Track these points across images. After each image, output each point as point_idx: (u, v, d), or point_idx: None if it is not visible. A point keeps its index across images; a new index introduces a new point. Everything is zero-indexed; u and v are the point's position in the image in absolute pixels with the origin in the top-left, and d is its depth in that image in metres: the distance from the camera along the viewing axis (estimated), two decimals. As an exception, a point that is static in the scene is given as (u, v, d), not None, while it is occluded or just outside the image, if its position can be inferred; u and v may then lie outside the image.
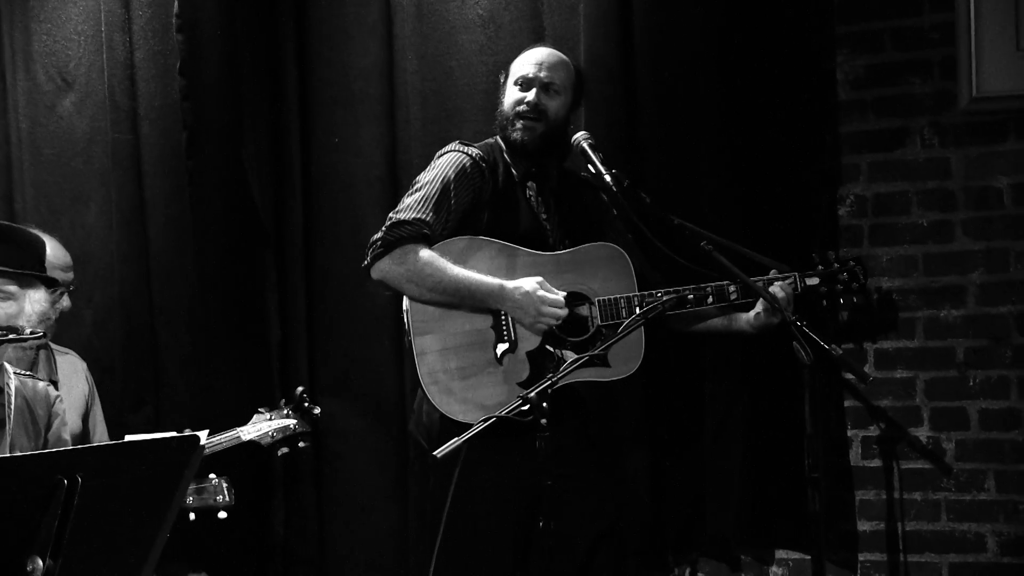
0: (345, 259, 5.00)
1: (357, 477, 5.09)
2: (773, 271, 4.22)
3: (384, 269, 4.06)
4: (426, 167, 4.23)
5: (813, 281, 4.25)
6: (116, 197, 5.26)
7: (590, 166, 4.18)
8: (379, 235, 4.07)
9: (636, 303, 4.09)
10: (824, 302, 4.29)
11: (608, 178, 4.11)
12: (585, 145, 4.21)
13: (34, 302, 3.69)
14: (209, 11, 5.13)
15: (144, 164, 5.24)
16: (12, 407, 3.66)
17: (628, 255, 4.19)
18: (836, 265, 4.29)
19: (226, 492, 4.23)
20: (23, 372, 3.80)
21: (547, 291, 4.03)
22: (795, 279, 4.22)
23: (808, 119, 4.72)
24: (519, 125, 4.18)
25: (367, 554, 5.08)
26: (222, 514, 4.21)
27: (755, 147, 4.69)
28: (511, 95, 4.21)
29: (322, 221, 5.15)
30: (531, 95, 4.17)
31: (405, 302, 4.09)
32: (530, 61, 4.22)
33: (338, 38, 5.11)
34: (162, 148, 5.23)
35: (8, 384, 3.69)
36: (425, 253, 4.01)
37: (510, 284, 4.03)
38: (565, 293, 4.07)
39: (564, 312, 4.04)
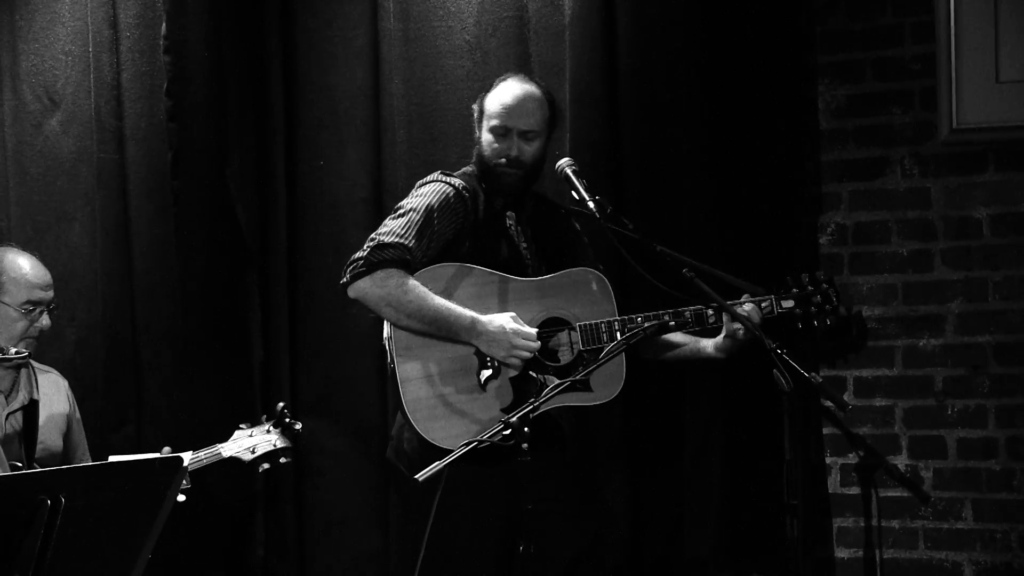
0: (329, 280, 4.98)
1: (338, 497, 5.09)
2: (746, 295, 4.23)
3: (363, 289, 4.07)
4: (410, 192, 4.25)
5: (788, 304, 4.26)
6: (101, 216, 5.27)
7: (574, 192, 4.20)
8: (361, 255, 4.08)
9: (617, 328, 4.11)
10: (799, 324, 4.32)
11: (592, 204, 4.13)
12: (569, 172, 4.23)
13: None
14: (196, 33, 5.15)
15: (129, 184, 5.26)
16: None
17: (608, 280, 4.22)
18: (810, 288, 4.31)
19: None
20: None
21: (519, 324, 4.06)
22: (771, 302, 4.23)
23: (789, 147, 4.76)
24: (501, 173, 4.19)
25: (347, 575, 5.08)
26: (180, 497, 4.18)
27: (736, 174, 4.72)
28: (489, 140, 4.21)
29: (306, 242, 5.17)
30: (513, 150, 4.17)
31: (387, 328, 4.11)
32: (506, 109, 4.19)
33: (325, 61, 5.13)
34: (147, 168, 5.24)
35: None
36: (407, 279, 4.02)
37: (483, 318, 4.04)
38: (536, 329, 4.08)
39: (537, 345, 4.06)
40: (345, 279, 4.09)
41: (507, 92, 4.22)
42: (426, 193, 4.16)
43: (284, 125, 5.19)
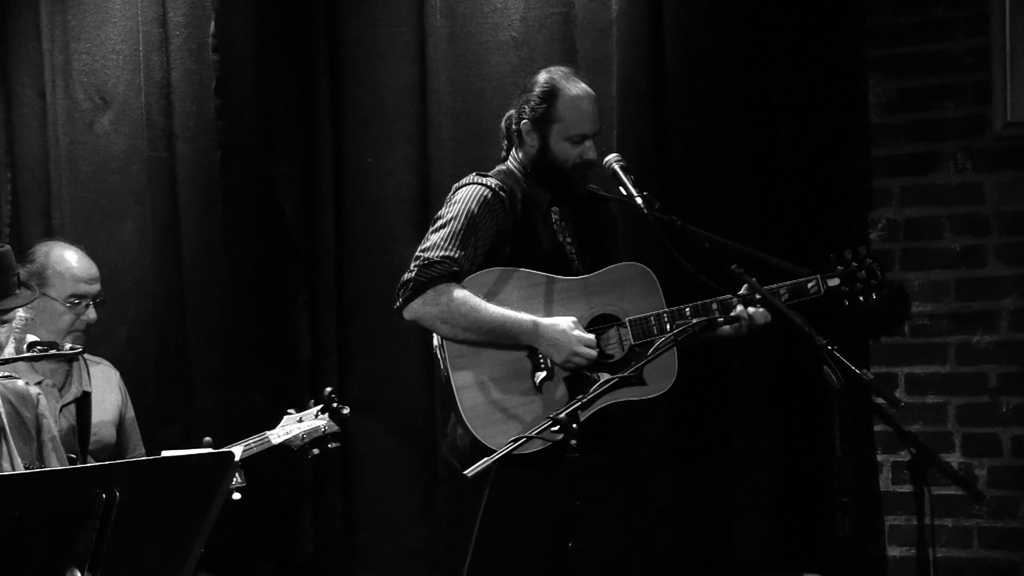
0: (376, 277, 5.04)
1: (386, 494, 5.11)
2: (781, 286, 4.20)
3: (417, 310, 4.06)
4: (447, 198, 4.23)
5: (834, 282, 4.24)
6: (151, 214, 5.31)
7: (621, 188, 4.18)
8: (409, 276, 4.07)
9: (667, 319, 4.10)
10: (846, 302, 4.29)
11: (639, 200, 4.11)
12: (616, 167, 4.21)
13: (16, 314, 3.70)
14: (245, 31, 5.18)
15: (179, 182, 5.29)
16: (3, 414, 3.67)
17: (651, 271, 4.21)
18: (854, 264, 4.28)
19: (237, 473, 4.21)
20: (2, 375, 3.78)
21: (580, 330, 4.05)
22: (817, 282, 4.22)
23: (839, 142, 4.73)
24: (579, 177, 4.19)
25: (395, 571, 5.10)
26: (236, 495, 4.20)
27: (785, 170, 4.70)
28: (566, 148, 4.16)
29: (353, 239, 5.18)
30: (589, 153, 4.17)
31: (436, 338, 4.11)
32: (587, 118, 4.18)
33: (371, 58, 5.14)
34: (196, 166, 5.27)
35: None
36: (458, 292, 4.02)
37: (545, 321, 4.04)
38: (594, 335, 4.08)
39: (595, 353, 4.06)
40: (398, 303, 4.09)
41: (583, 100, 4.19)
42: (463, 199, 4.15)
43: (331, 123, 5.21)
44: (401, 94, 5.10)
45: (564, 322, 4.04)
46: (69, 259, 4.57)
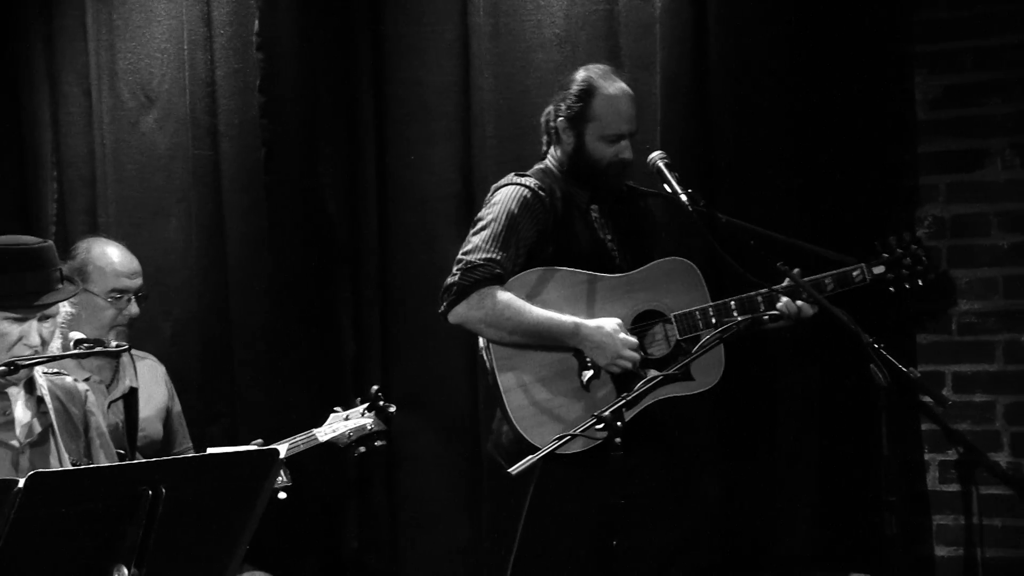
0: (419, 274, 5.04)
1: (429, 492, 5.11)
2: (827, 276, 4.17)
3: (461, 314, 4.07)
4: (486, 199, 4.24)
5: (879, 270, 4.24)
6: (196, 212, 5.33)
7: (665, 186, 4.18)
8: (453, 280, 4.07)
9: (712, 314, 4.09)
10: (892, 289, 4.26)
11: (684, 197, 4.10)
12: (661, 165, 4.21)
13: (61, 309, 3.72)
14: (288, 30, 5.19)
15: (223, 180, 5.30)
16: (52, 411, 3.69)
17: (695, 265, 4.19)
18: (899, 251, 4.26)
19: (283, 472, 4.22)
20: (51, 371, 3.82)
21: (624, 332, 4.03)
22: (862, 270, 4.21)
23: (885, 139, 4.70)
24: (614, 176, 4.20)
25: (439, 569, 5.10)
26: (281, 495, 4.21)
27: (829, 166, 4.67)
28: (601, 147, 4.17)
29: (397, 236, 5.19)
30: (626, 152, 4.17)
31: (482, 340, 4.11)
32: (624, 117, 4.18)
33: (414, 56, 5.15)
34: (241, 164, 5.28)
35: (42, 388, 3.72)
36: (502, 296, 4.02)
37: (590, 324, 4.03)
38: (636, 339, 4.06)
39: (639, 356, 4.04)
40: (442, 308, 4.10)
41: (620, 99, 4.20)
42: (503, 199, 4.15)
43: (374, 120, 5.21)
44: (444, 92, 5.10)
45: (609, 324, 4.03)
46: (110, 254, 4.59)
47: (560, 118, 4.20)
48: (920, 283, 4.28)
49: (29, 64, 5.62)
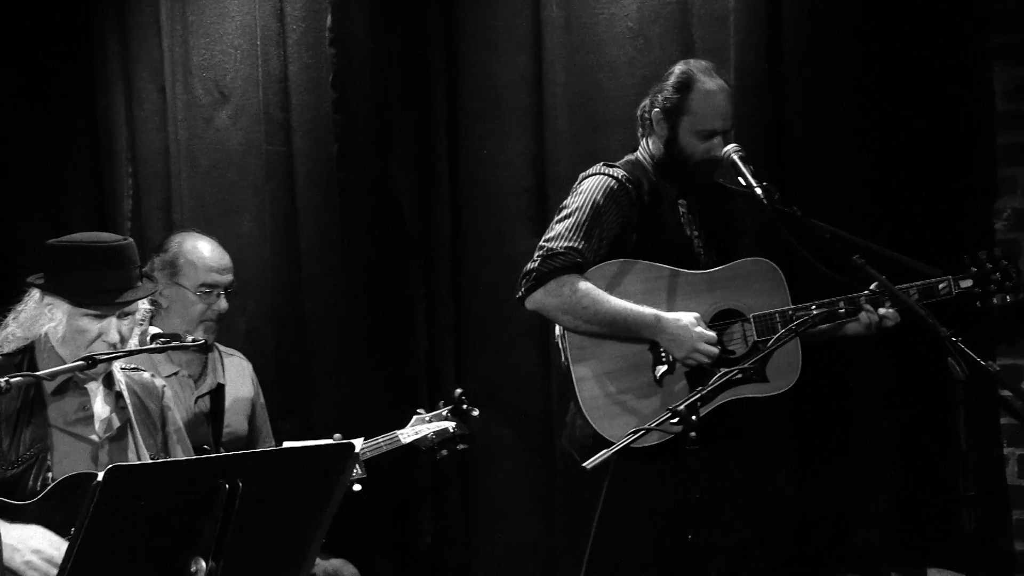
0: (492, 270, 5.04)
1: (503, 486, 5.11)
2: (912, 287, 4.12)
3: (539, 300, 4.06)
4: (572, 188, 4.22)
5: (967, 283, 4.18)
6: (269, 208, 5.36)
7: (740, 179, 4.14)
8: (532, 266, 4.07)
9: (792, 316, 4.05)
10: (978, 303, 4.21)
11: (759, 191, 4.06)
12: (736, 158, 4.17)
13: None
14: (361, 25, 5.20)
15: (296, 175, 5.33)
16: (130, 406, 3.73)
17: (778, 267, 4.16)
18: (988, 265, 4.20)
19: (358, 465, 4.23)
20: (129, 367, 3.85)
21: (703, 327, 4.01)
22: (949, 283, 4.15)
23: (962, 130, 4.63)
24: (704, 172, 4.18)
25: (513, 564, 5.11)
26: (356, 487, 4.22)
27: (905, 159, 4.62)
28: (694, 142, 4.15)
29: (469, 231, 5.19)
30: (718, 150, 4.14)
31: (557, 329, 4.10)
32: (720, 114, 4.16)
33: (487, 50, 5.14)
34: (314, 160, 5.30)
35: (121, 384, 3.76)
36: (581, 284, 4.01)
37: (668, 316, 4.01)
38: (714, 333, 4.04)
39: (716, 350, 4.02)
40: (520, 293, 4.09)
41: (717, 95, 4.17)
42: (589, 189, 4.14)
43: (447, 115, 5.21)
44: (517, 86, 5.09)
45: (687, 318, 4.02)
46: (201, 249, 4.64)
47: (656, 109, 4.18)
48: (1008, 300, 4.21)
49: (104, 61, 5.68)
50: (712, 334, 4.03)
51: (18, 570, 3.33)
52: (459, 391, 4.59)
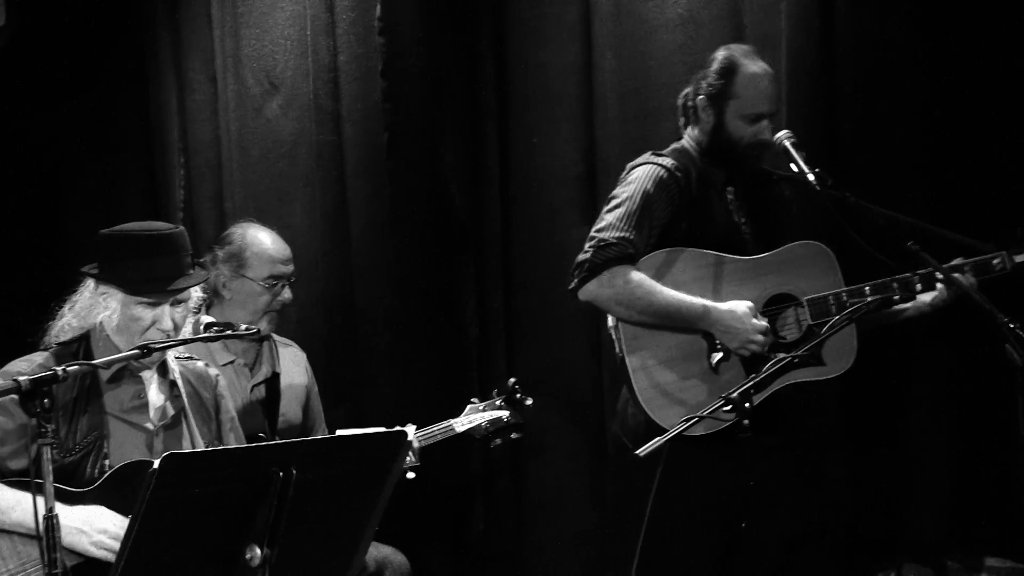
0: (542, 258, 5.04)
1: (554, 474, 5.12)
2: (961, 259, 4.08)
3: (592, 292, 4.05)
4: (621, 177, 4.20)
5: (1021, 258, 4.13)
6: (319, 197, 5.38)
7: (792, 165, 4.11)
8: (585, 257, 4.05)
9: (845, 298, 4.03)
10: None
11: (811, 177, 4.03)
12: (788, 144, 4.14)
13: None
14: (410, 14, 5.20)
15: (346, 165, 5.34)
16: (184, 395, 3.75)
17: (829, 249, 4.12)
18: None
19: (411, 453, 4.24)
20: (182, 356, 3.87)
21: (755, 316, 3.99)
22: (1003, 258, 4.12)
23: (1016, 112, 4.58)
24: (751, 156, 4.15)
25: (564, 552, 5.11)
26: (410, 475, 4.22)
27: (959, 143, 4.57)
28: (740, 125, 4.12)
29: (519, 220, 5.19)
30: (765, 133, 4.11)
31: (611, 319, 4.09)
32: (765, 97, 4.13)
33: (536, 38, 5.13)
34: (363, 149, 5.32)
35: (174, 372, 3.78)
36: (633, 275, 3.99)
37: (721, 307, 3.99)
38: (766, 323, 4.01)
39: (770, 340, 4.00)
40: (572, 284, 4.08)
41: (762, 78, 4.14)
42: (639, 178, 4.12)
43: (496, 104, 5.21)
44: (566, 74, 5.08)
45: (740, 308, 3.99)
46: (265, 241, 4.65)
47: (700, 96, 4.16)
48: None
49: (156, 53, 5.71)
50: (764, 324, 4.00)
51: (85, 551, 3.37)
52: (512, 380, 4.58)
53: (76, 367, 3.26)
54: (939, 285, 4.08)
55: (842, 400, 4.57)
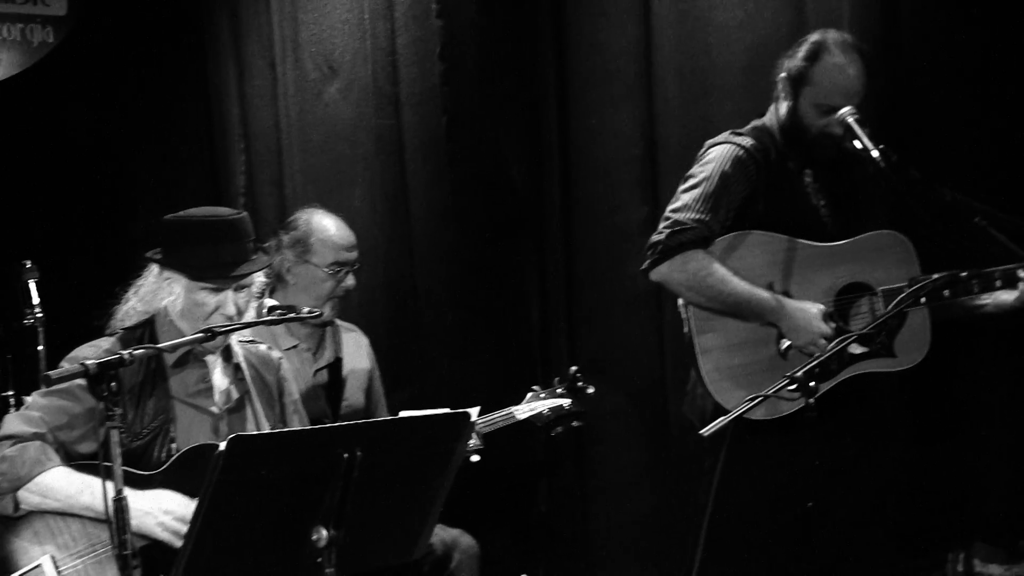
0: (604, 239, 5.02)
1: (617, 457, 5.11)
2: None
3: (664, 274, 4.01)
4: (698, 156, 4.14)
5: None
6: (380, 181, 5.39)
7: (856, 142, 4.05)
8: (659, 238, 4.00)
9: (922, 290, 3.95)
10: None
11: (876, 154, 3.97)
12: (851, 121, 4.06)
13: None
14: (468, -4, 5.20)
15: (406, 149, 5.34)
16: (248, 378, 3.76)
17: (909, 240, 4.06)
18: None
19: (475, 435, 4.24)
20: (245, 340, 3.87)
21: (824, 322, 3.93)
22: None
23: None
24: (819, 147, 4.06)
25: (628, 534, 5.10)
26: (475, 457, 4.22)
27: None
28: (813, 114, 4.03)
29: (581, 201, 5.16)
30: (836, 128, 3.99)
31: (681, 299, 4.07)
32: (841, 91, 4.00)
33: (595, 18, 5.10)
34: (423, 133, 5.32)
35: (238, 356, 3.79)
36: (706, 261, 3.95)
37: (793, 304, 3.94)
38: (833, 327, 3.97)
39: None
40: (645, 264, 4.04)
41: (845, 70, 4.02)
42: (717, 158, 4.05)
43: (555, 85, 5.18)
44: (626, 53, 5.04)
45: (812, 309, 3.93)
46: (330, 227, 4.65)
47: (783, 75, 4.09)
48: None
49: (216, 39, 5.75)
50: (830, 331, 3.93)
51: (152, 533, 3.39)
52: (574, 368, 4.56)
53: (142, 351, 3.29)
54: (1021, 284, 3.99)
55: (909, 382, 4.51)
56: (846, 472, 3.98)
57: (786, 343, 3.97)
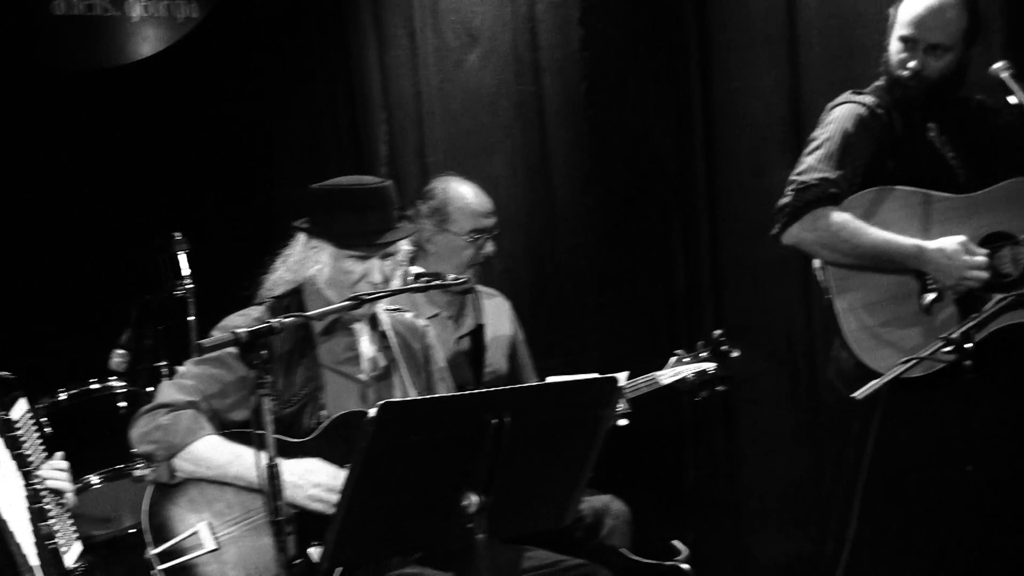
0: (749, 203, 4.95)
1: (766, 421, 5.06)
2: None
3: (796, 236, 3.97)
4: (820, 119, 4.10)
5: None
6: (521, 148, 5.39)
7: (1010, 98, 3.94)
8: (786, 201, 3.97)
9: None
10: None
11: (1033, 108, 3.87)
12: (1005, 76, 3.96)
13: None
14: (608, -39, 5.16)
15: (546, 115, 5.34)
16: (395, 346, 3.78)
17: None
18: None
19: (623, 400, 4.21)
20: (391, 308, 3.88)
21: (970, 253, 3.84)
22: None
23: None
24: (903, 84, 3.97)
25: (779, 498, 5.05)
26: (622, 422, 4.20)
27: None
28: (896, 49, 3.98)
29: (724, 165, 5.11)
30: (915, 62, 3.93)
31: (817, 261, 4.00)
32: (917, 19, 3.93)
33: (738, -21, 5.04)
34: (563, 99, 5.30)
35: (384, 324, 3.80)
36: (837, 216, 3.89)
37: (931, 245, 3.86)
38: (986, 254, 3.85)
39: (987, 275, 3.84)
40: (775, 230, 4.01)
41: (928, 3, 3.95)
42: (838, 118, 4.02)
43: (698, 48, 5.12)
44: (768, 13, 4.96)
45: (951, 244, 3.85)
46: (467, 194, 4.65)
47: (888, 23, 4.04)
48: None
49: (356, 9, 5.77)
50: (982, 258, 3.85)
51: (301, 504, 3.42)
52: (718, 331, 4.50)
53: (291, 319, 3.33)
54: None
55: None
56: (1005, 431, 3.88)
57: (929, 297, 3.87)
